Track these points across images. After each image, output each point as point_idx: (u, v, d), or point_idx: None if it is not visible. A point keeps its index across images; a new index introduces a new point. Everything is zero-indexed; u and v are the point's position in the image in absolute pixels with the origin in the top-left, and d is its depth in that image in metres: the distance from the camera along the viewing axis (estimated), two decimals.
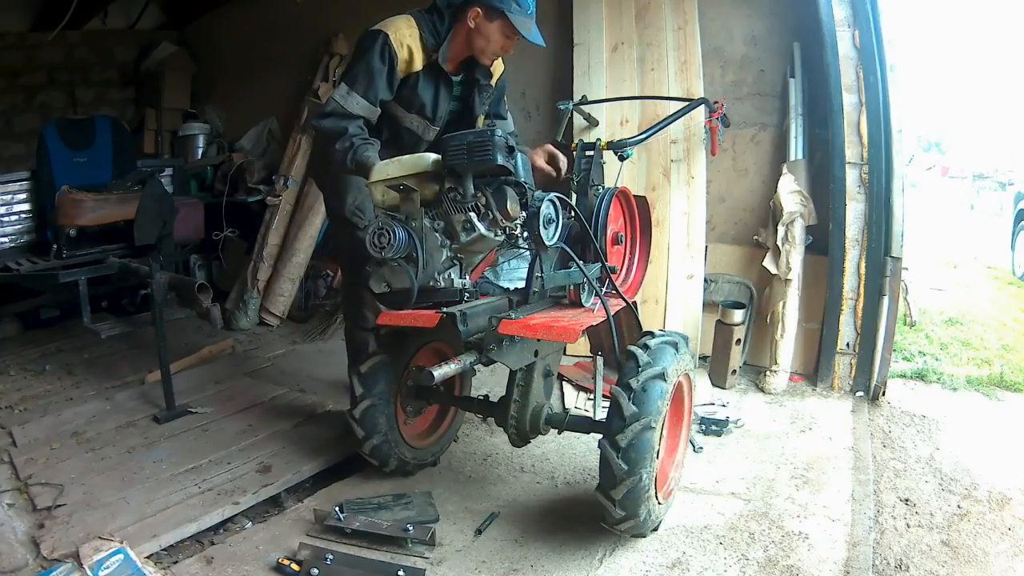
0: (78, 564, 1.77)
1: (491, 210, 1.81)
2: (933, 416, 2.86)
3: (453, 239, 1.88)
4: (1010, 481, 2.33)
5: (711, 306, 3.30)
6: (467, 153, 1.76)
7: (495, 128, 1.78)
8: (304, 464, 2.40)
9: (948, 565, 1.91)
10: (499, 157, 1.75)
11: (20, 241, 3.73)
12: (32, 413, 2.85)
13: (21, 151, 5.04)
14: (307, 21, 4.66)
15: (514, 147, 1.80)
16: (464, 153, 1.76)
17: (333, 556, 1.84)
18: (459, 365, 1.83)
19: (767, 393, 3.03)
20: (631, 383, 1.78)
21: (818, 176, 3.16)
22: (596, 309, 2.01)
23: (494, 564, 1.89)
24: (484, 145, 1.74)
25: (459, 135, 1.79)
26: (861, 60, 2.91)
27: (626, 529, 1.85)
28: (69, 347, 3.70)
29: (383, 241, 1.80)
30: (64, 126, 3.99)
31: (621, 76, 3.42)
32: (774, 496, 2.21)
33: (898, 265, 2.95)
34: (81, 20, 5.09)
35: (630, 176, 3.27)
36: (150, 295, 2.87)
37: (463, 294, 1.96)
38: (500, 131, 1.78)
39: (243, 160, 4.62)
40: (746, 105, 3.36)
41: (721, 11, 3.35)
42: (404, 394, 2.27)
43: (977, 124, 17.13)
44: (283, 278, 4.14)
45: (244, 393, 3.06)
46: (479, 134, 1.76)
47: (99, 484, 2.26)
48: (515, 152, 1.81)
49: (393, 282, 1.89)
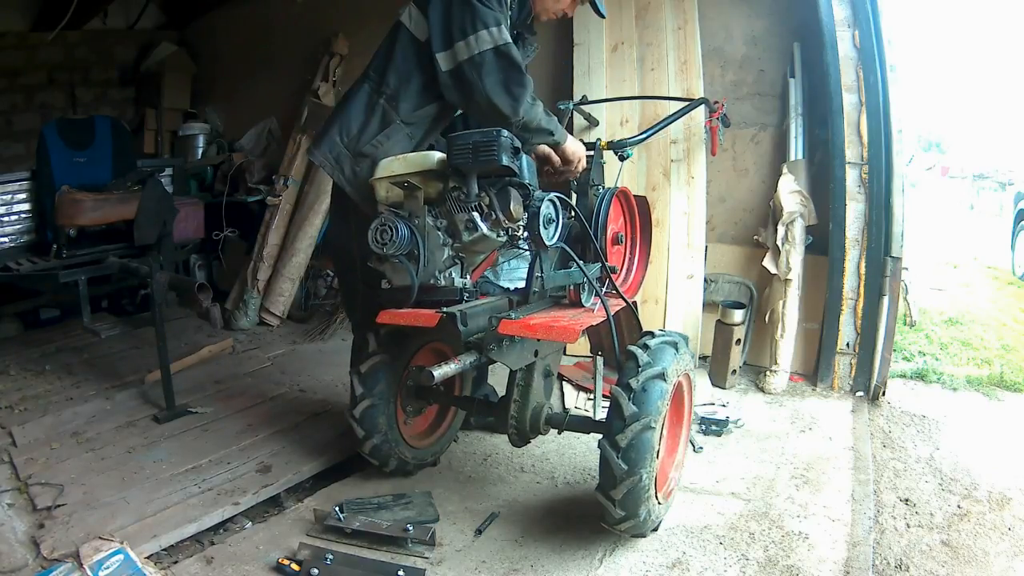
0: (78, 564, 1.77)
1: (494, 211, 1.81)
2: (933, 416, 2.86)
3: (455, 238, 1.87)
4: (1010, 481, 2.33)
5: (711, 306, 3.30)
6: (472, 153, 1.75)
7: (501, 129, 1.76)
8: (304, 464, 2.40)
9: (948, 565, 1.91)
10: (504, 158, 1.73)
11: (20, 241, 3.74)
12: (32, 413, 2.85)
13: (21, 151, 5.05)
14: (307, 21, 4.66)
15: (519, 148, 1.79)
16: (469, 153, 1.75)
17: (333, 556, 1.84)
18: (459, 365, 1.83)
19: (767, 393, 3.04)
20: (631, 383, 1.78)
21: (818, 176, 3.17)
22: (596, 309, 2.01)
23: (494, 564, 1.89)
24: (490, 145, 1.73)
25: (465, 134, 1.78)
26: (861, 60, 2.91)
27: (626, 529, 1.85)
28: (69, 347, 3.70)
29: (385, 237, 1.79)
30: (64, 126, 3.99)
31: (621, 76, 3.43)
32: (774, 496, 2.21)
33: (898, 265, 2.95)
34: (81, 20, 5.09)
35: (630, 176, 3.27)
36: (150, 295, 2.88)
37: (463, 293, 1.95)
38: (506, 132, 1.76)
39: (243, 160, 4.63)
40: (746, 105, 3.36)
41: (721, 11, 3.36)
42: (404, 394, 2.27)
43: (977, 124, 17.12)
44: (283, 278, 4.14)
45: (244, 393, 3.06)
46: (485, 134, 1.75)
47: (99, 484, 2.26)
48: (520, 153, 1.80)
49: (393, 279, 1.89)
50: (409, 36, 2.10)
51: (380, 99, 2.12)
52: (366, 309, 2.16)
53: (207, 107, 5.41)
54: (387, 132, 2.11)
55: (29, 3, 5.11)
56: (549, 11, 2.21)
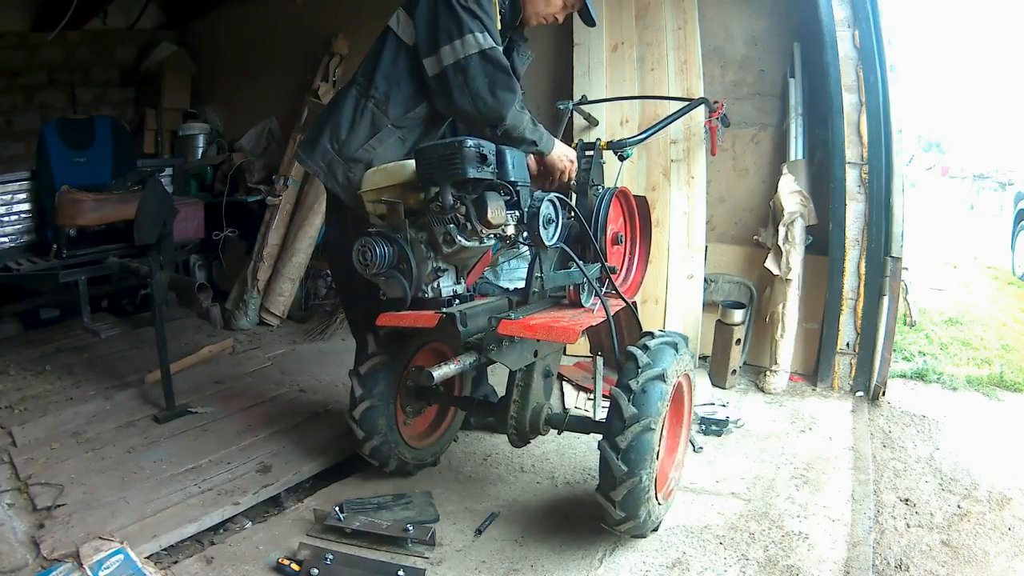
0: (78, 564, 1.77)
1: (470, 220, 1.76)
2: (933, 416, 2.86)
3: (437, 251, 1.87)
4: (1010, 481, 2.33)
5: (711, 306, 3.30)
6: (436, 166, 1.72)
7: (465, 138, 1.71)
8: (304, 464, 2.40)
9: (948, 565, 1.91)
10: (470, 171, 1.69)
11: (20, 241, 3.74)
12: (32, 413, 2.85)
13: (21, 151, 5.05)
14: (307, 21, 4.66)
15: (487, 155, 1.73)
16: (434, 166, 1.73)
17: (333, 556, 1.84)
18: (459, 365, 1.83)
19: (767, 393, 3.04)
20: (631, 384, 1.78)
21: (818, 176, 3.16)
22: (596, 309, 2.01)
23: (494, 564, 1.89)
24: (451, 159, 1.69)
25: (431, 147, 1.76)
26: (861, 60, 2.91)
27: (626, 530, 1.85)
28: (69, 347, 3.70)
29: (367, 258, 1.80)
30: (64, 126, 4.00)
31: (621, 76, 3.43)
32: (774, 496, 2.21)
33: (898, 265, 2.95)
34: (81, 20, 5.09)
35: (630, 176, 3.27)
36: (150, 295, 2.87)
37: (453, 302, 1.94)
38: (471, 140, 1.71)
39: (243, 160, 4.63)
40: (746, 105, 3.36)
41: (721, 11, 3.35)
42: (404, 394, 2.27)
43: (977, 124, 17.12)
44: (283, 278, 4.14)
45: (244, 393, 3.06)
46: (447, 146, 1.71)
47: (99, 484, 2.26)
48: (489, 159, 1.73)
49: (387, 291, 1.90)
50: (397, 40, 2.10)
51: (368, 103, 2.12)
52: (365, 311, 2.17)
53: (207, 107, 5.41)
54: (378, 137, 2.11)
55: (29, 3, 5.12)
56: (540, 15, 2.22)
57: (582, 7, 2.25)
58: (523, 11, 2.19)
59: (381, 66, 2.11)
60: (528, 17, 2.21)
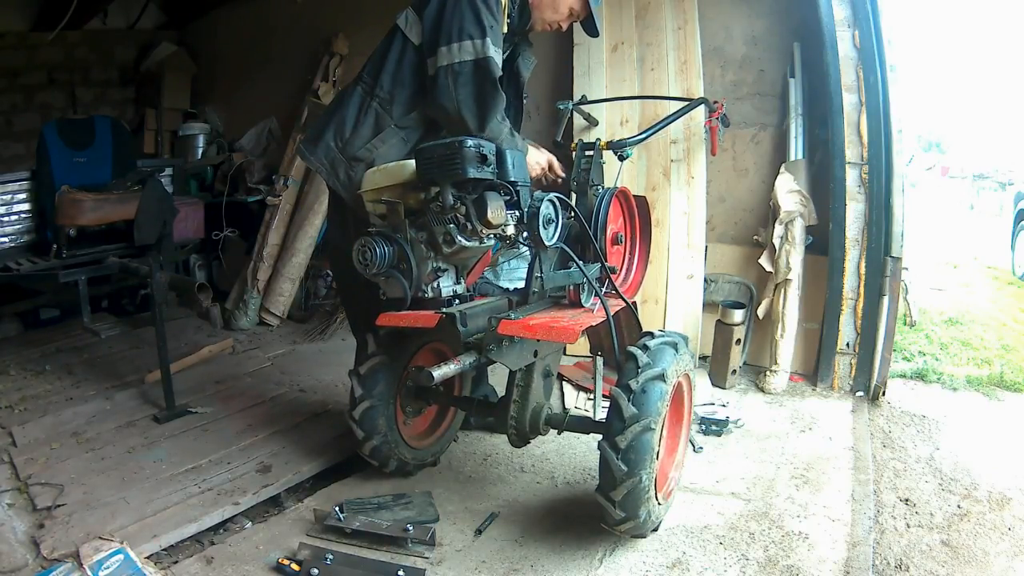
0: (78, 564, 1.77)
1: (470, 220, 1.76)
2: (933, 416, 2.86)
3: (437, 251, 1.87)
4: (1010, 481, 2.33)
5: (711, 306, 3.30)
6: (437, 166, 1.72)
7: (465, 139, 1.71)
8: (304, 464, 2.40)
9: (948, 565, 1.91)
10: (470, 171, 1.69)
11: (20, 241, 3.75)
12: (32, 413, 2.85)
13: (21, 151, 5.06)
14: (307, 21, 4.66)
15: (487, 155, 1.73)
16: (435, 166, 1.73)
17: (333, 556, 1.84)
18: (459, 365, 1.83)
19: (767, 393, 3.03)
20: (631, 384, 1.78)
21: (818, 176, 3.16)
22: (596, 309, 2.01)
23: (494, 564, 1.89)
24: (452, 159, 1.69)
25: (431, 146, 1.75)
26: (861, 60, 2.91)
27: (626, 530, 1.85)
28: (69, 347, 3.70)
29: (366, 258, 1.80)
30: (64, 126, 4.00)
31: (621, 76, 3.42)
32: (774, 496, 2.21)
33: (898, 265, 2.95)
34: (81, 20, 5.10)
35: (630, 176, 3.27)
36: (150, 295, 2.88)
37: (453, 302, 1.94)
38: (471, 140, 1.71)
39: (243, 160, 4.63)
40: (746, 105, 3.36)
41: (721, 11, 3.35)
42: (404, 395, 2.27)
43: (977, 124, 17.13)
44: (283, 278, 4.14)
45: (244, 393, 3.06)
46: (447, 146, 1.70)
47: (99, 484, 2.26)
48: (489, 158, 1.73)
49: (388, 291, 1.90)
50: (404, 40, 2.10)
51: (373, 102, 2.12)
52: (365, 311, 2.17)
53: (207, 107, 5.41)
54: (381, 136, 2.11)
55: (29, 3, 5.12)
56: (546, 22, 2.22)
57: (587, 17, 2.25)
58: (531, 17, 2.20)
59: (387, 65, 2.11)
60: (535, 23, 2.22)
